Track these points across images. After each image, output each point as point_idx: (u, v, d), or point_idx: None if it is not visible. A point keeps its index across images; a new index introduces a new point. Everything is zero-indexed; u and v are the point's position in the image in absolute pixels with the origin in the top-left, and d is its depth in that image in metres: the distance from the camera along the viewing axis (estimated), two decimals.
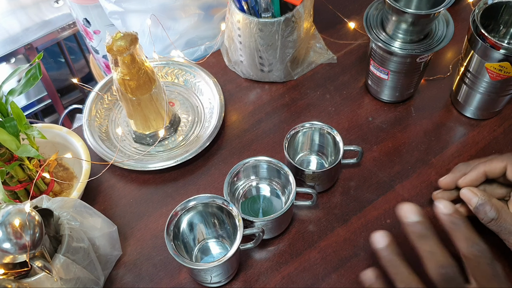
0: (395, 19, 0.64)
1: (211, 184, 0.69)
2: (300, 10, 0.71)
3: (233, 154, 0.72)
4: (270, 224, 0.59)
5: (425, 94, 0.77)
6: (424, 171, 0.68)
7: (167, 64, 0.80)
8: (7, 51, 1.38)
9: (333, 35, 0.85)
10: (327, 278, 0.60)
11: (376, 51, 0.69)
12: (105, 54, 1.09)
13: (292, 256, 0.62)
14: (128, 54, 0.61)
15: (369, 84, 0.75)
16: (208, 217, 0.60)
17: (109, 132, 0.75)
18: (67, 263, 0.52)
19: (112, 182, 0.70)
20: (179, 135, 0.74)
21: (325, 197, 0.67)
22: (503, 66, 0.62)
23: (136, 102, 0.67)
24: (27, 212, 0.48)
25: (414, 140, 0.72)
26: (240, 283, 0.60)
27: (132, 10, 0.84)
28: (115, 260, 0.62)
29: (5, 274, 0.50)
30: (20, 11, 1.44)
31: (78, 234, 0.55)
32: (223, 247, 0.62)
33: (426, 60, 0.68)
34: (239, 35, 0.73)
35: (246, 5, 0.70)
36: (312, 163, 0.69)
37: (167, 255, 0.62)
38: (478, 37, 0.63)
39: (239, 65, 0.79)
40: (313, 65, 0.81)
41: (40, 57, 0.60)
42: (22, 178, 0.62)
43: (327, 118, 0.75)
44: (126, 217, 0.67)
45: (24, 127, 0.59)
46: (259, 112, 0.76)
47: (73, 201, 0.58)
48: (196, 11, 0.84)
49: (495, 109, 0.71)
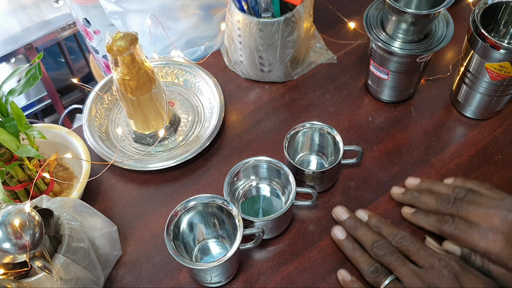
0: (395, 19, 0.64)
1: (211, 184, 0.69)
2: (300, 10, 0.71)
3: (233, 154, 0.72)
4: (270, 224, 0.59)
5: (425, 94, 0.77)
6: (424, 171, 0.68)
7: (167, 64, 0.80)
8: (7, 51, 1.38)
9: (333, 35, 0.85)
10: (327, 278, 0.60)
11: (376, 51, 0.69)
12: (105, 54, 1.09)
13: (292, 256, 0.62)
14: (128, 54, 0.61)
15: (369, 84, 0.75)
16: (208, 217, 0.60)
17: (109, 132, 0.75)
18: (67, 263, 0.52)
19: (112, 182, 0.70)
20: (179, 135, 0.74)
21: (325, 197, 0.67)
22: (503, 66, 0.62)
23: (136, 102, 0.67)
24: (27, 212, 0.48)
25: (414, 140, 0.72)
26: (240, 283, 0.60)
27: (132, 10, 0.84)
28: (115, 260, 0.62)
29: (5, 274, 0.50)
30: (20, 11, 1.44)
31: (78, 234, 0.55)
32: (223, 247, 0.62)
33: (426, 60, 0.68)
34: (239, 35, 0.73)
35: (246, 5, 0.70)
36: (312, 163, 0.69)
37: (167, 255, 0.62)
38: (478, 37, 0.63)
39: (239, 65, 0.80)
40: (313, 65, 0.81)
41: (40, 57, 0.60)
42: (22, 178, 0.62)
43: (327, 118, 0.75)
44: (126, 217, 0.67)
45: (24, 127, 0.59)
46: (259, 112, 0.76)
47: (73, 201, 0.58)
48: (196, 11, 0.84)
49: (495, 109, 0.71)
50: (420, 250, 0.56)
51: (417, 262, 0.55)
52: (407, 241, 0.57)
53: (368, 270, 0.57)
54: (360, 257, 0.58)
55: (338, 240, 0.61)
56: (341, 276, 0.59)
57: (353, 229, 0.60)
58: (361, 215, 0.62)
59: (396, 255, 0.56)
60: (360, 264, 0.58)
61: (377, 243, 0.57)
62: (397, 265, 0.55)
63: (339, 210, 0.63)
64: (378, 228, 0.60)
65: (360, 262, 0.58)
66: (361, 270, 0.58)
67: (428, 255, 0.55)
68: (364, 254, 0.58)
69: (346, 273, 0.59)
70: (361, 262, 0.58)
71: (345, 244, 0.60)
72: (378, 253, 0.57)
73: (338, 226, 0.62)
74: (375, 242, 0.58)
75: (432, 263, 0.54)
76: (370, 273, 0.56)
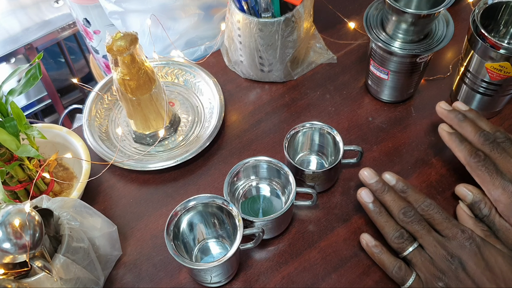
0: (395, 19, 0.64)
1: (211, 184, 0.69)
2: (300, 10, 0.71)
3: (233, 154, 0.72)
4: (270, 224, 0.59)
5: (425, 94, 0.77)
6: (424, 171, 0.68)
7: (167, 64, 0.80)
8: (7, 51, 1.38)
9: (333, 35, 0.85)
10: (327, 278, 0.60)
11: (376, 51, 0.69)
12: (105, 54, 1.09)
13: (292, 256, 0.62)
14: (128, 54, 0.61)
15: (369, 84, 0.75)
16: (208, 217, 0.60)
17: (109, 132, 0.75)
18: (67, 263, 0.52)
19: (112, 182, 0.70)
20: (179, 135, 0.74)
21: (325, 197, 0.67)
22: (503, 66, 0.62)
23: (136, 102, 0.67)
24: (27, 212, 0.48)
25: (414, 140, 0.72)
26: (240, 283, 0.60)
27: (132, 10, 0.84)
28: (115, 260, 0.62)
29: (5, 274, 0.50)
30: (20, 11, 1.44)
31: (78, 234, 0.55)
32: (223, 247, 0.62)
33: (426, 60, 0.68)
34: (239, 35, 0.73)
35: (246, 5, 0.70)
36: (312, 163, 0.69)
37: (167, 255, 0.62)
38: (478, 37, 0.63)
39: (239, 65, 0.80)
40: (313, 65, 0.81)
41: (40, 57, 0.60)
42: (22, 178, 0.62)
43: (327, 118, 0.75)
44: (126, 217, 0.67)
45: (24, 127, 0.59)
46: (259, 112, 0.76)
47: (73, 201, 0.58)
48: (196, 11, 0.84)
49: (495, 109, 0.71)
50: (445, 220, 0.56)
51: (441, 232, 0.56)
52: (433, 209, 0.57)
53: (393, 235, 0.57)
54: (386, 222, 0.58)
55: (364, 203, 0.60)
56: (365, 240, 0.59)
57: (380, 193, 0.59)
58: (388, 178, 0.61)
59: (422, 224, 0.56)
60: (385, 229, 0.58)
61: (405, 209, 0.57)
62: (423, 234, 0.56)
63: (367, 172, 0.61)
64: (405, 193, 0.60)
65: (386, 226, 0.58)
66: (385, 234, 0.58)
67: (452, 225, 0.56)
68: (390, 219, 0.58)
69: (369, 237, 0.59)
70: (386, 226, 0.58)
71: (372, 207, 0.59)
72: (404, 219, 0.57)
73: (365, 188, 0.61)
74: (402, 208, 0.57)
75: (455, 234, 0.55)
76: (395, 239, 0.57)
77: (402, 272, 0.56)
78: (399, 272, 0.56)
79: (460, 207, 0.61)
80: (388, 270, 0.57)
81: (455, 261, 0.53)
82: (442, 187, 0.67)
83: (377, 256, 0.58)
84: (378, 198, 0.60)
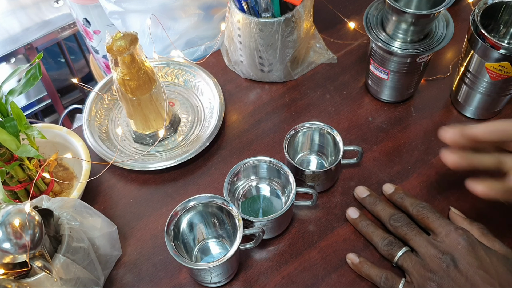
0: (395, 19, 0.64)
1: (211, 184, 0.69)
2: (300, 10, 0.71)
3: (233, 154, 0.72)
4: (270, 224, 0.59)
5: (425, 94, 0.77)
6: (424, 171, 0.68)
7: (167, 64, 0.80)
8: (7, 51, 1.38)
9: (333, 35, 0.85)
10: (327, 278, 0.60)
11: (376, 51, 0.69)
12: (105, 54, 1.10)
13: (292, 256, 0.62)
14: (128, 54, 0.61)
15: (369, 84, 0.75)
16: (208, 217, 0.60)
17: (109, 132, 0.75)
18: (67, 263, 0.52)
19: (112, 182, 0.70)
20: (179, 135, 0.74)
21: (325, 197, 0.67)
22: (503, 66, 0.62)
23: (136, 102, 0.67)
24: (27, 212, 0.48)
25: (414, 140, 0.72)
26: (240, 283, 0.60)
27: (132, 10, 0.84)
28: (115, 260, 0.62)
29: (5, 274, 0.50)
30: (20, 11, 1.44)
31: (78, 234, 0.55)
32: (223, 247, 0.62)
33: (426, 60, 0.68)
34: (239, 35, 0.73)
35: (246, 5, 0.70)
36: (312, 163, 0.69)
37: (167, 255, 0.62)
38: (478, 37, 0.63)
39: (239, 65, 0.80)
40: (313, 65, 0.81)
41: (40, 57, 0.60)
42: (22, 178, 0.62)
43: (327, 118, 0.75)
44: (126, 217, 0.67)
45: (24, 127, 0.59)
46: (259, 112, 0.76)
47: (73, 201, 0.58)
48: (196, 11, 0.84)
49: (495, 109, 0.71)
50: (440, 218, 0.58)
51: (434, 230, 0.57)
52: (428, 210, 0.59)
53: (382, 243, 0.59)
54: (373, 232, 0.61)
55: (352, 219, 0.63)
56: (350, 259, 0.60)
57: (372, 204, 0.63)
58: (387, 188, 0.65)
59: (411, 226, 0.59)
60: (374, 239, 0.60)
61: (394, 216, 0.60)
62: (413, 235, 0.57)
63: (360, 189, 0.65)
64: (402, 199, 0.62)
65: (374, 236, 0.60)
66: (375, 244, 0.60)
67: (446, 224, 0.57)
68: (378, 229, 0.61)
69: (354, 255, 0.60)
70: (374, 236, 0.60)
71: (359, 221, 0.62)
72: (394, 224, 0.59)
73: (351, 207, 0.64)
74: (392, 215, 0.60)
75: (449, 231, 0.55)
76: (384, 246, 0.59)
77: (389, 282, 0.57)
78: (386, 282, 0.57)
79: (452, 212, 0.62)
80: (376, 282, 0.58)
81: (446, 259, 0.53)
82: (442, 187, 0.67)
83: (364, 271, 0.59)
84: (370, 210, 0.64)
